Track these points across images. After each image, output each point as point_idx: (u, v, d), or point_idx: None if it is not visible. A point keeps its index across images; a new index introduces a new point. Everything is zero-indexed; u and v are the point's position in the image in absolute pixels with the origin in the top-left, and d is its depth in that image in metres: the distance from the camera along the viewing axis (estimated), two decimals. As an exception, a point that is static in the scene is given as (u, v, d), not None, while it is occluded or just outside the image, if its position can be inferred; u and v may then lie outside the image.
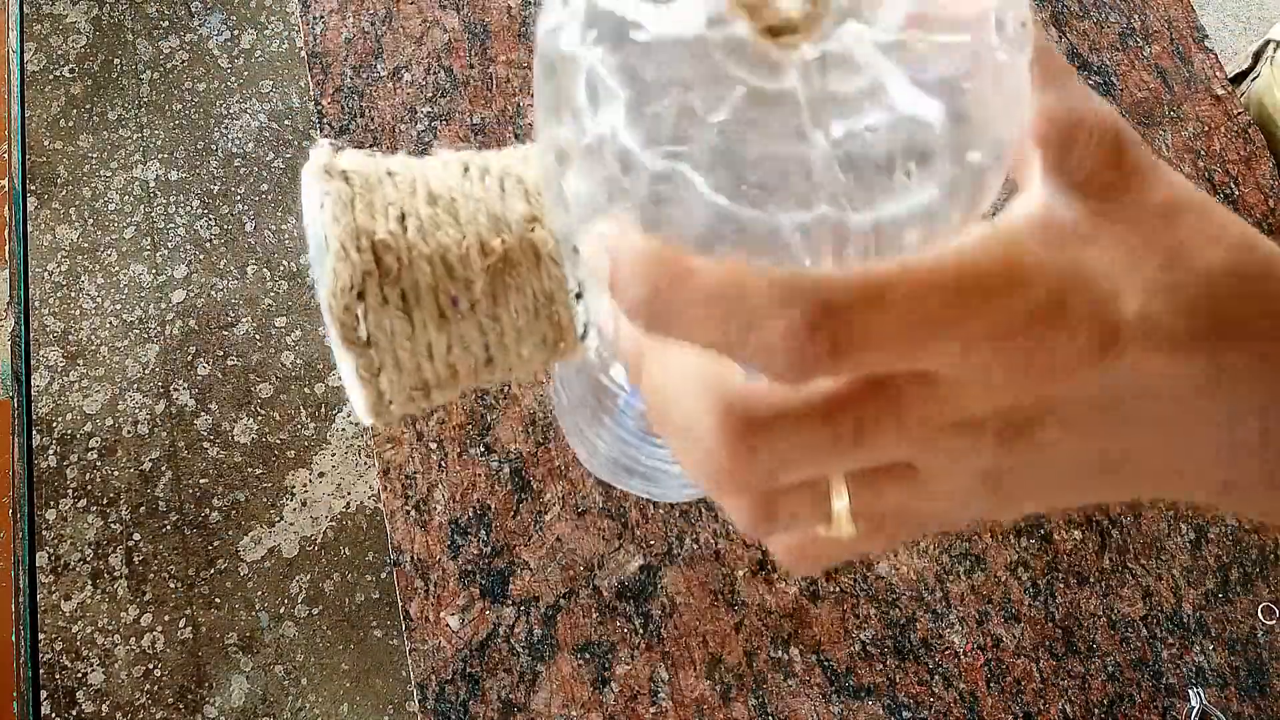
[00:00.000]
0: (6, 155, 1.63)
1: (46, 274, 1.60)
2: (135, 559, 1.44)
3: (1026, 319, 0.19)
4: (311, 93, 0.73)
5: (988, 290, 0.19)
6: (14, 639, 1.36)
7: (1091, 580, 0.62)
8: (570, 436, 0.57)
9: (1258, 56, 0.82)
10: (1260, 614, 0.62)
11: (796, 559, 0.24)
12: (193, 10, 1.77)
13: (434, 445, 0.63)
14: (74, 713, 1.36)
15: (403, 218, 0.28)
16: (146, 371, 1.54)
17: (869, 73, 0.19)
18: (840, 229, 0.19)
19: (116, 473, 1.49)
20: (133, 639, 1.40)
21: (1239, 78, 0.84)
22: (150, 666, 1.39)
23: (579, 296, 0.29)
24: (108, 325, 1.57)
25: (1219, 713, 0.60)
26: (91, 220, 1.64)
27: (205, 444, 1.51)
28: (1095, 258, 0.21)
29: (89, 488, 1.48)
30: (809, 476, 0.21)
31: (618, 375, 0.44)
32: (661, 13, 0.19)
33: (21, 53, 1.72)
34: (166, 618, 1.41)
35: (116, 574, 1.43)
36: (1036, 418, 0.21)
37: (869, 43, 0.19)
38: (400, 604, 0.60)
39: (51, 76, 1.72)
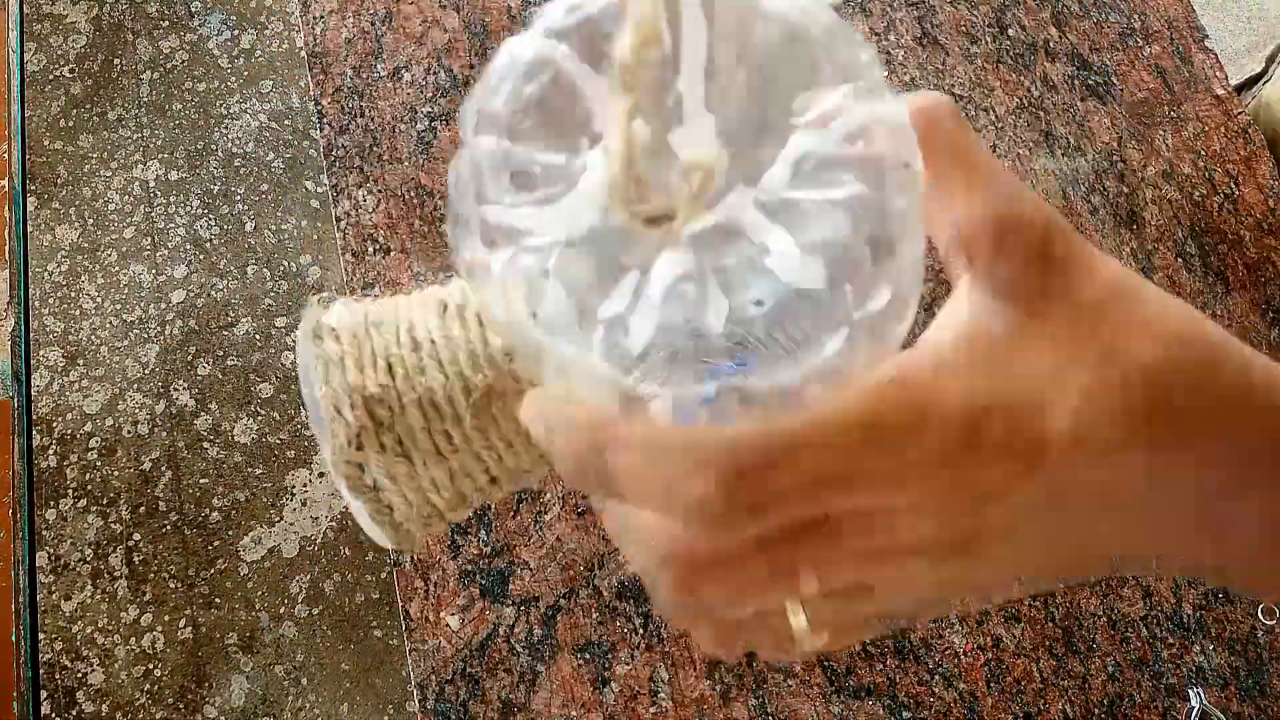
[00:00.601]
0: (6, 155, 1.63)
1: (46, 274, 1.60)
2: (135, 559, 1.44)
3: (941, 455, 0.20)
4: (311, 93, 0.73)
5: (898, 430, 0.20)
6: (14, 639, 1.36)
7: (1091, 580, 0.62)
8: None
9: (1271, 60, 0.82)
10: (1260, 614, 0.62)
11: (780, 657, 0.25)
12: (193, 10, 1.77)
13: (434, 445, 0.63)
14: (74, 713, 1.36)
15: (389, 368, 0.31)
16: (146, 371, 1.54)
17: (755, 239, 0.20)
18: (745, 396, 0.20)
19: (116, 473, 1.49)
20: (133, 639, 1.40)
21: (1250, 81, 0.84)
22: (150, 666, 1.39)
23: None
24: (108, 325, 1.57)
25: (1219, 713, 0.60)
26: (91, 220, 1.64)
27: (205, 444, 1.51)
28: (1024, 369, 0.21)
29: (89, 488, 1.48)
30: (761, 608, 0.22)
31: None
32: (549, 215, 0.20)
33: (21, 53, 1.73)
34: (166, 618, 1.41)
35: (116, 574, 1.43)
36: (974, 536, 0.21)
37: (755, 211, 0.20)
38: (400, 604, 0.60)
39: (51, 76, 1.72)
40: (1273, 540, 0.23)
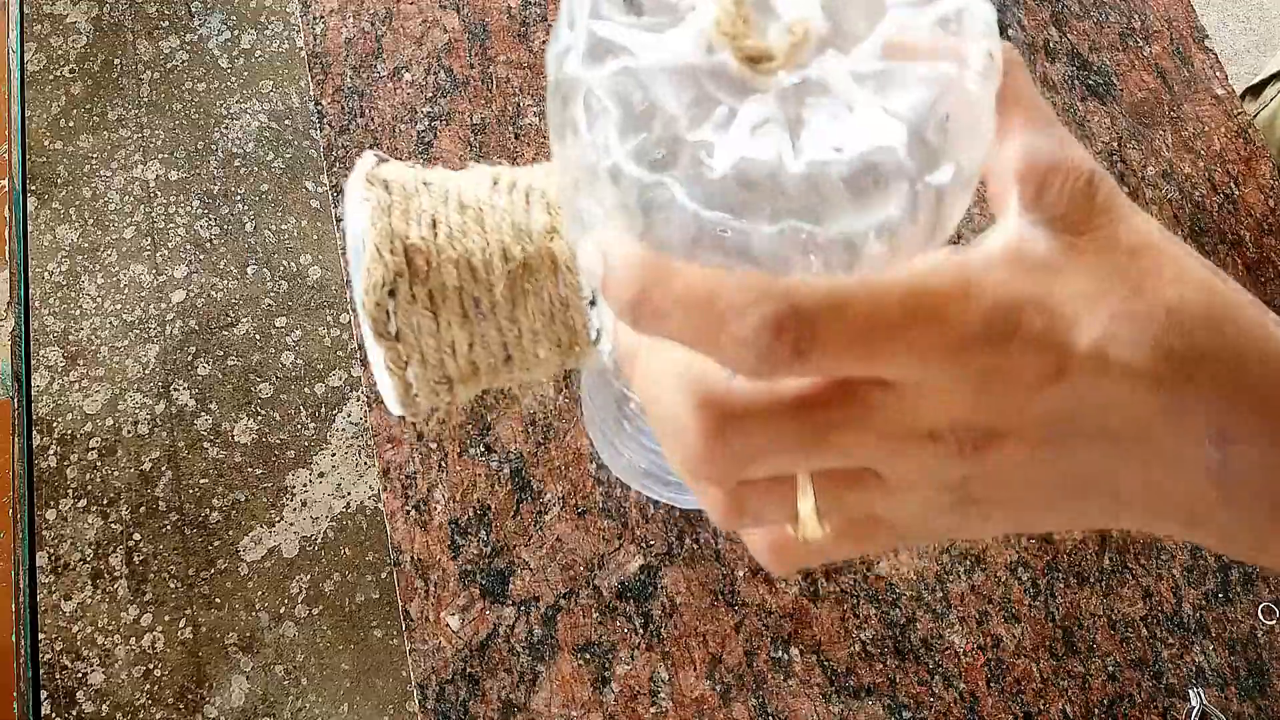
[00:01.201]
0: (6, 155, 1.63)
1: (46, 274, 1.60)
2: (135, 559, 1.44)
3: (980, 334, 0.21)
4: (311, 93, 0.73)
5: (943, 305, 0.21)
6: (14, 639, 1.36)
7: (1091, 580, 0.62)
8: (599, 446, 0.59)
9: (1265, 83, 0.82)
10: (1260, 614, 0.62)
11: (771, 558, 0.26)
12: (193, 10, 1.77)
13: (434, 445, 0.63)
14: (74, 713, 1.36)
15: (434, 224, 0.31)
16: (146, 371, 1.54)
17: (842, 99, 0.21)
18: (808, 240, 0.21)
19: (116, 473, 1.49)
20: (133, 639, 1.40)
21: (1257, 89, 0.83)
22: (150, 666, 1.39)
23: (593, 303, 0.32)
24: (108, 325, 1.57)
25: (1219, 713, 0.60)
26: (91, 220, 1.64)
27: (205, 444, 1.51)
28: (1061, 287, 0.22)
29: (89, 488, 1.48)
30: (777, 471, 0.23)
31: (618, 373, 0.46)
32: (654, 41, 0.21)
33: (21, 53, 1.73)
34: (166, 618, 1.41)
35: (116, 574, 1.43)
36: (998, 434, 0.22)
37: (844, 71, 0.21)
38: (400, 604, 0.60)
39: (51, 76, 1.72)
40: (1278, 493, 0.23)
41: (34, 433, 1.50)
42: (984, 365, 0.21)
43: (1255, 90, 0.84)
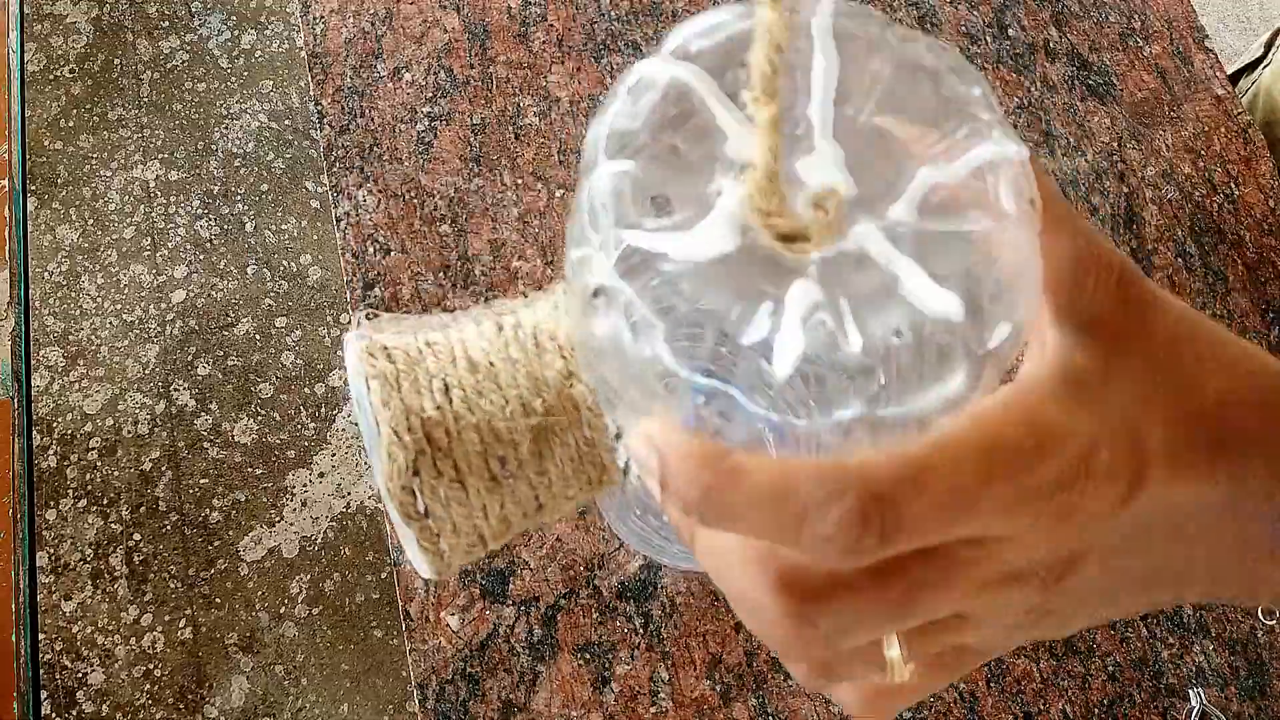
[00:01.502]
0: (6, 155, 1.63)
1: (46, 274, 1.60)
2: (135, 559, 1.44)
3: (1057, 480, 0.21)
4: (311, 93, 0.73)
5: (1018, 457, 0.20)
6: (14, 639, 1.36)
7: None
8: (608, 515, 0.59)
9: (1270, 45, 0.82)
10: (1260, 614, 0.62)
11: (864, 709, 0.25)
12: (193, 10, 1.77)
13: (434, 445, 0.63)
14: (74, 713, 1.36)
15: (447, 389, 0.30)
16: (146, 371, 1.54)
17: (885, 268, 0.20)
18: (874, 424, 0.20)
19: (116, 473, 1.49)
20: (133, 639, 1.40)
21: (1250, 67, 0.84)
22: (150, 666, 1.39)
23: (618, 437, 0.31)
24: (108, 325, 1.57)
25: (1219, 713, 0.60)
26: (91, 220, 1.64)
27: (205, 444, 1.51)
28: (1114, 399, 0.22)
29: (89, 488, 1.48)
30: (865, 641, 0.22)
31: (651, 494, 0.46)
32: (687, 239, 0.20)
33: (21, 53, 1.73)
34: (167, 618, 1.41)
35: (116, 574, 1.43)
36: (1077, 559, 0.22)
37: (881, 238, 0.20)
38: (400, 604, 0.60)
39: (51, 76, 1.72)
40: None
41: (34, 433, 1.50)
42: (1061, 506, 0.21)
43: (1249, 69, 0.84)
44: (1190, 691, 0.60)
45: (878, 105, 0.21)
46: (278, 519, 1.47)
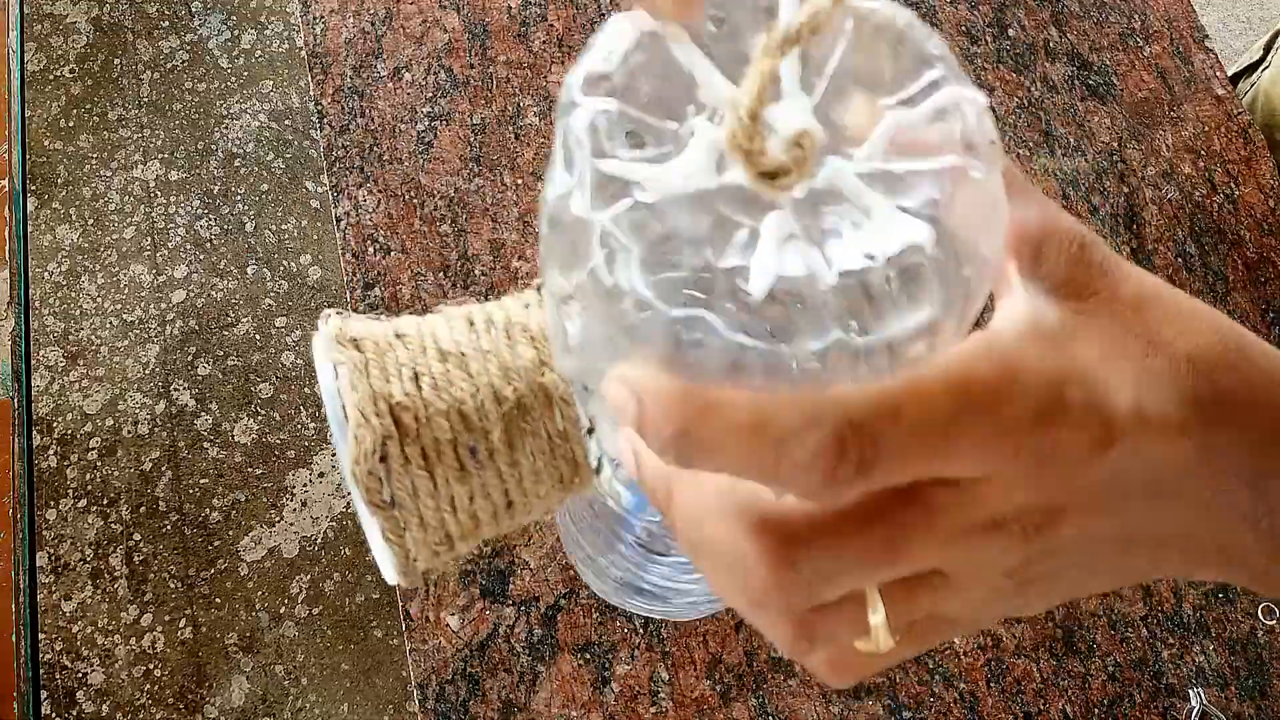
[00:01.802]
0: (6, 155, 1.63)
1: (46, 274, 1.60)
2: (135, 559, 1.44)
3: (1033, 418, 0.21)
4: (311, 93, 0.73)
5: (994, 395, 0.21)
6: (14, 639, 1.36)
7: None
8: (579, 565, 0.58)
9: (1269, 47, 0.82)
10: (1260, 614, 0.62)
11: (832, 674, 0.25)
12: (193, 10, 1.77)
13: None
14: (74, 713, 1.36)
15: (416, 377, 0.30)
16: (146, 371, 1.54)
17: (857, 203, 0.21)
18: (852, 352, 0.20)
19: (116, 473, 1.49)
20: (133, 639, 1.40)
21: (1250, 69, 0.84)
22: (150, 666, 1.39)
23: (590, 432, 0.31)
24: (108, 325, 1.57)
25: (1219, 713, 0.60)
26: (91, 220, 1.64)
27: (205, 444, 1.51)
28: (1083, 354, 0.22)
29: (89, 488, 1.48)
30: (848, 590, 0.22)
31: (618, 498, 0.45)
32: (662, 171, 0.21)
33: (21, 53, 1.73)
34: (167, 618, 1.41)
35: (116, 574, 1.43)
36: (1057, 510, 0.22)
37: (852, 175, 0.21)
38: (400, 604, 0.60)
39: (51, 76, 1.72)
40: None
41: (34, 433, 1.50)
42: (1039, 446, 0.21)
43: (1248, 71, 0.84)
44: (1190, 691, 0.60)
45: (840, 62, 0.22)
46: (278, 519, 1.47)
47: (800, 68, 0.22)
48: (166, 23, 1.76)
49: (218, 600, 1.43)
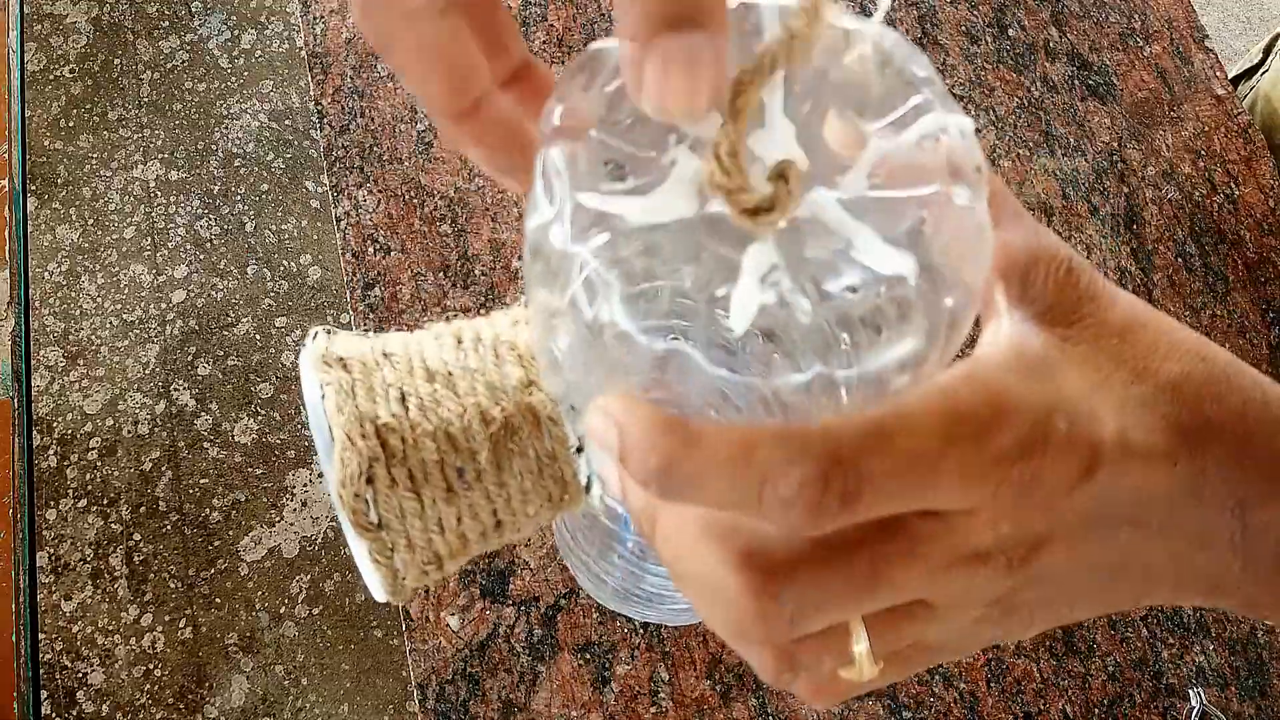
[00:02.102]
0: (6, 155, 1.63)
1: (46, 274, 1.60)
2: (135, 559, 1.44)
3: (1017, 451, 0.21)
4: (311, 93, 0.73)
5: (978, 428, 0.21)
6: (14, 639, 1.36)
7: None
8: (576, 572, 0.58)
9: (1268, 50, 0.82)
10: (1260, 614, 0.62)
11: (818, 697, 0.25)
12: (193, 10, 1.77)
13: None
14: (74, 713, 1.36)
15: (403, 398, 0.29)
16: (146, 371, 1.54)
17: (840, 233, 0.20)
18: (833, 384, 0.20)
19: (116, 473, 1.49)
20: (133, 639, 1.40)
21: (1248, 73, 0.84)
22: (150, 666, 1.39)
23: (579, 450, 0.30)
24: (108, 325, 1.57)
25: (1219, 713, 0.60)
26: (91, 220, 1.64)
27: (205, 444, 1.51)
28: (1068, 383, 0.22)
29: (89, 488, 1.48)
30: (832, 621, 0.22)
31: (609, 515, 0.45)
32: (642, 204, 0.20)
33: (21, 53, 1.73)
34: (167, 618, 1.41)
35: (116, 574, 1.43)
36: (1041, 540, 0.22)
37: (836, 205, 0.20)
38: (400, 604, 0.60)
39: (51, 76, 1.72)
40: None
41: (34, 433, 1.50)
42: (1021, 478, 0.21)
43: (1248, 74, 0.84)
44: (1190, 691, 0.60)
45: (825, 86, 0.22)
46: (278, 519, 1.47)
47: (784, 93, 0.21)
48: (166, 23, 1.76)
49: (218, 600, 1.43)
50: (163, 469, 1.49)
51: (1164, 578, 0.24)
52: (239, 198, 1.66)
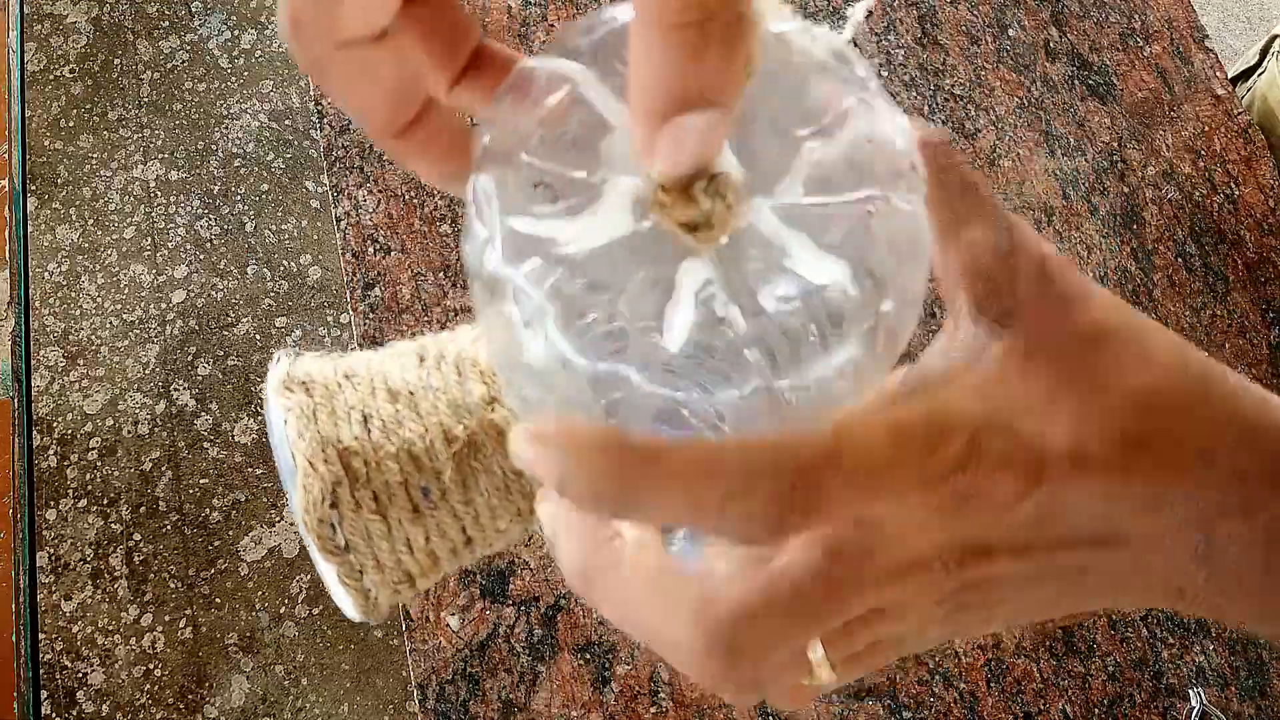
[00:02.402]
0: (6, 155, 1.63)
1: (46, 274, 1.60)
2: (135, 559, 1.44)
3: (953, 465, 0.21)
4: (311, 93, 0.73)
5: (918, 442, 0.21)
6: (14, 639, 1.36)
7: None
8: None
9: (1265, 52, 0.83)
10: (1260, 614, 0.62)
11: (783, 704, 0.25)
12: (193, 10, 1.77)
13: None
14: (74, 713, 1.36)
15: (365, 420, 0.29)
16: (146, 371, 1.54)
17: (775, 243, 0.20)
18: (774, 396, 0.20)
19: (116, 473, 1.49)
20: (133, 639, 1.40)
21: (1246, 74, 0.84)
22: (150, 666, 1.39)
23: None
24: (108, 325, 1.57)
25: (1219, 713, 0.60)
26: (91, 220, 1.64)
27: (205, 444, 1.51)
28: (1019, 396, 0.22)
29: (89, 488, 1.48)
30: (790, 651, 0.22)
31: None
32: (575, 225, 0.20)
33: (21, 53, 1.73)
34: (167, 618, 1.41)
35: (116, 574, 1.43)
36: (982, 548, 0.22)
37: (771, 215, 0.20)
38: (400, 604, 0.60)
39: (51, 76, 1.72)
40: (1264, 564, 0.23)
41: (34, 433, 1.50)
42: (957, 490, 0.21)
43: (1245, 75, 0.84)
44: (1190, 691, 0.60)
45: (759, 92, 0.21)
46: (278, 519, 1.47)
47: None
48: (166, 23, 1.76)
49: (218, 600, 1.43)
50: (163, 469, 1.49)
51: (1130, 585, 0.24)
52: (239, 198, 1.66)
